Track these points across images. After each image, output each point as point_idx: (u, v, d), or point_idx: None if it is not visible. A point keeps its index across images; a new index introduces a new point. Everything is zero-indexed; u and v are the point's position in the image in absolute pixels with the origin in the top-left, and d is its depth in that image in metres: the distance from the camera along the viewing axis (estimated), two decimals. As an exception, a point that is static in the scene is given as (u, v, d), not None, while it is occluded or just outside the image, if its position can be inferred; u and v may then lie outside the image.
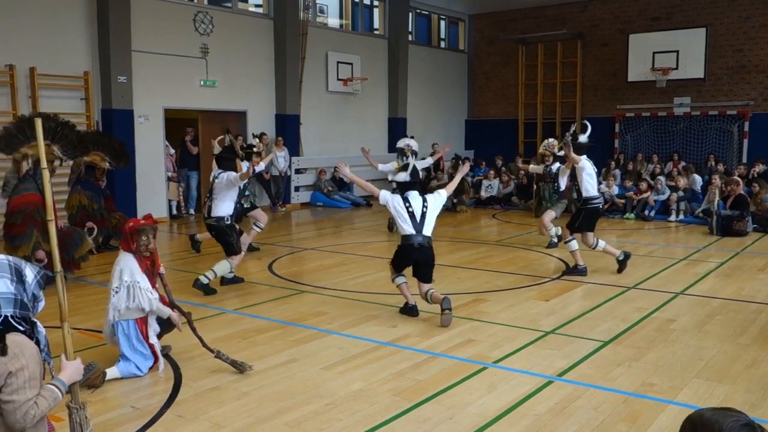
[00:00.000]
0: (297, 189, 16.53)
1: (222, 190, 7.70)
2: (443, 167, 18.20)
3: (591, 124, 9.03)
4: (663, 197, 13.89)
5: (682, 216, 13.47)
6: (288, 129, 16.00)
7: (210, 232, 7.95)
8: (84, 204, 9.74)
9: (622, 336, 5.93)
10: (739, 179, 13.00)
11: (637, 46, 18.34)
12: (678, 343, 5.71)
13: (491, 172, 17.05)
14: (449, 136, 21.44)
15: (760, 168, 14.66)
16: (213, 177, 7.91)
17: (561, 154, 10.30)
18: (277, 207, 15.45)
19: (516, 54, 20.92)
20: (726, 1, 17.70)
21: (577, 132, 8.90)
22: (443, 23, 22.11)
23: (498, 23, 21.36)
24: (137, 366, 4.94)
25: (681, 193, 13.77)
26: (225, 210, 7.70)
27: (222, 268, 7.66)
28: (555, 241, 10.35)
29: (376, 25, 19.66)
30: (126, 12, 12.56)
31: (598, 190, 8.67)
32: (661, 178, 14.42)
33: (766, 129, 17.29)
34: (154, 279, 5.13)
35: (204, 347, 5.13)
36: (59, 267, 3.09)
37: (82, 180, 9.88)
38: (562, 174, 10.12)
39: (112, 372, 4.88)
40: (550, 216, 10.23)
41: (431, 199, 6.51)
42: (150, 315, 5.08)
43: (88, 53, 12.42)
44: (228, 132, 9.83)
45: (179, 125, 14.41)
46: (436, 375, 5.00)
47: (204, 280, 7.52)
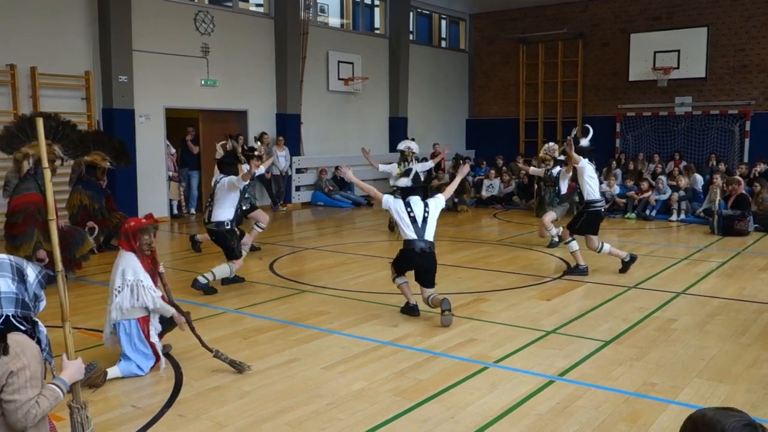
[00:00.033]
0: (298, 188, 16.53)
1: (223, 194, 7.69)
2: (444, 167, 18.21)
3: (592, 123, 9.03)
4: (664, 197, 13.89)
5: (683, 215, 13.47)
6: (289, 128, 16.01)
7: (210, 237, 7.94)
8: (85, 203, 9.75)
9: (623, 336, 5.93)
10: (741, 179, 12.99)
11: (639, 45, 18.32)
12: (679, 343, 5.71)
13: (492, 171, 17.04)
14: (450, 135, 21.45)
15: (761, 167, 14.65)
16: (214, 182, 7.91)
17: (562, 158, 10.34)
18: (278, 206, 15.46)
19: (517, 53, 20.91)
20: (727, 1, 17.68)
21: (579, 136, 8.89)
22: (444, 23, 22.11)
23: (499, 23, 21.35)
24: (138, 366, 4.95)
25: (682, 193, 13.76)
26: (225, 215, 7.69)
27: (221, 271, 7.65)
28: (556, 241, 10.34)
29: (376, 25, 19.66)
30: (127, 11, 12.57)
31: (600, 193, 8.64)
32: (663, 177, 14.41)
33: (767, 128, 17.29)
34: (155, 278, 5.14)
35: (203, 347, 5.13)
36: (60, 266, 3.09)
37: (83, 179, 9.89)
38: (562, 178, 10.16)
39: (113, 371, 4.89)
40: (550, 217, 10.24)
41: (432, 204, 6.53)
42: (153, 314, 5.09)
43: (88, 53, 12.43)
44: (230, 137, 9.83)
45: (180, 125, 14.41)
46: (437, 375, 5.00)
47: (202, 280, 7.52)
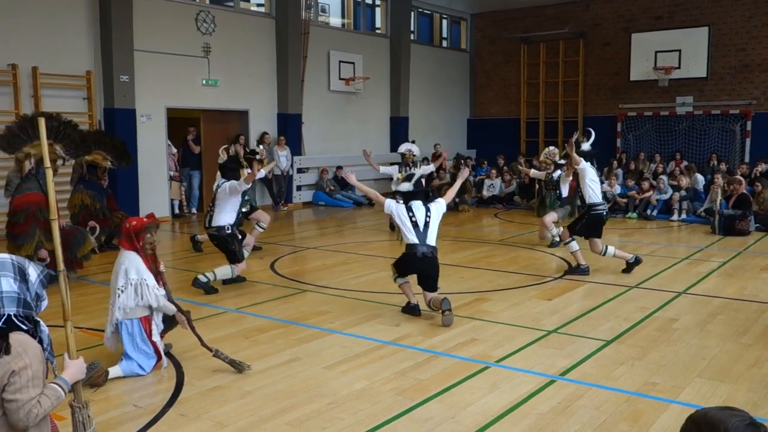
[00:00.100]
0: (299, 188, 16.53)
1: (224, 199, 7.69)
2: (445, 166, 18.21)
3: (593, 123, 9.04)
4: (665, 196, 13.88)
5: (684, 215, 13.46)
6: (290, 128, 16.01)
7: (211, 241, 7.94)
8: (86, 203, 9.76)
9: (624, 335, 5.93)
10: (742, 178, 12.98)
11: (640, 45, 18.32)
12: (680, 343, 5.71)
13: (493, 171, 17.03)
14: (451, 135, 21.45)
15: (762, 167, 14.64)
16: (216, 186, 7.90)
17: (562, 162, 10.38)
18: (279, 206, 15.46)
19: (518, 53, 20.90)
20: (729, 1, 17.66)
21: (580, 140, 8.89)
22: (445, 22, 22.10)
23: (500, 22, 21.34)
24: (140, 365, 4.95)
25: (683, 193, 13.76)
26: (226, 219, 7.69)
27: (223, 272, 7.66)
28: (557, 241, 10.34)
29: (378, 24, 19.66)
30: (128, 11, 12.57)
31: (603, 196, 8.61)
32: (664, 177, 14.40)
33: (768, 128, 17.30)
34: (157, 277, 5.14)
35: (202, 346, 5.13)
36: (62, 266, 3.09)
37: (84, 179, 9.90)
38: (563, 181, 10.21)
39: (114, 371, 4.89)
40: (551, 217, 10.25)
41: (434, 208, 6.54)
42: (156, 312, 5.09)
43: (90, 52, 12.43)
44: (234, 142, 9.82)
45: (181, 124, 14.41)
46: (438, 374, 5.00)
47: (203, 278, 7.52)
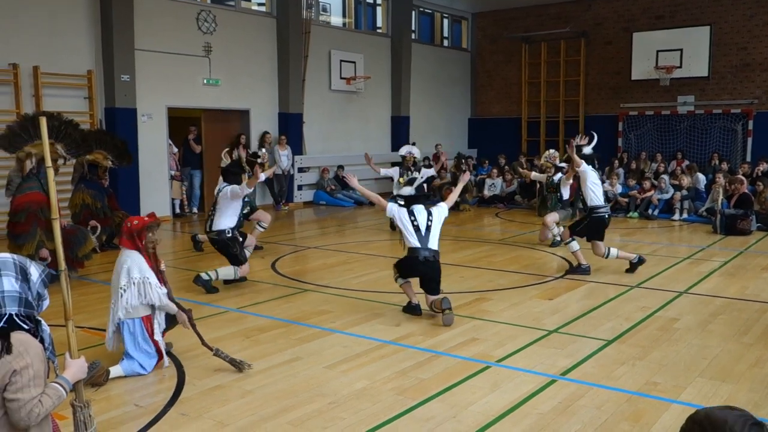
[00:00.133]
0: (300, 188, 16.53)
1: (226, 203, 7.69)
2: (446, 166, 18.20)
3: (594, 122, 9.03)
4: (666, 196, 13.87)
5: (685, 215, 13.45)
6: (291, 127, 16.01)
7: (213, 245, 7.94)
8: (87, 202, 9.77)
9: (625, 335, 5.93)
10: (743, 178, 12.98)
11: (641, 44, 18.31)
12: (681, 342, 5.71)
13: (494, 170, 17.02)
14: (452, 134, 21.46)
15: (764, 167, 14.64)
16: (217, 190, 7.90)
17: (562, 165, 10.38)
18: (280, 206, 15.47)
19: (519, 52, 20.89)
20: (730, 0, 17.67)
21: (581, 143, 8.87)
22: (446, 21, 22.09)
23: (501, 21, 21.34)
24: (141, 365, 4.95)
25: (685, 192, 13.74)
26: (226, 223, 7.69)
27: (225, 272, 7.67)
28: (558, 240, 10.34)
29: (379, 24, 19.65)
30: (129, 11, 12.58)
31: (605, 198, 8.59)
32: (665, 176, 14.39)
33: (770, 128, 17.29)
34: (158, 276, 5.14)
35: (203, 345, 5.14)
36: (64, 265, 3.10)
37: (85, 179, 9.91)
38: (563, 184, 10.23)
39: (115, 370, 4.89)
40: (553, 217, 10.25)
41: (435, 212, 6.55)
42: (158, 311, 5.10)
43: (91, 52, 12.44)
44: (236, 146, 9.83)
45: (182, 124, 14.42)
46: (439, 374, 5.00)
47: (204, 276, 7.53)
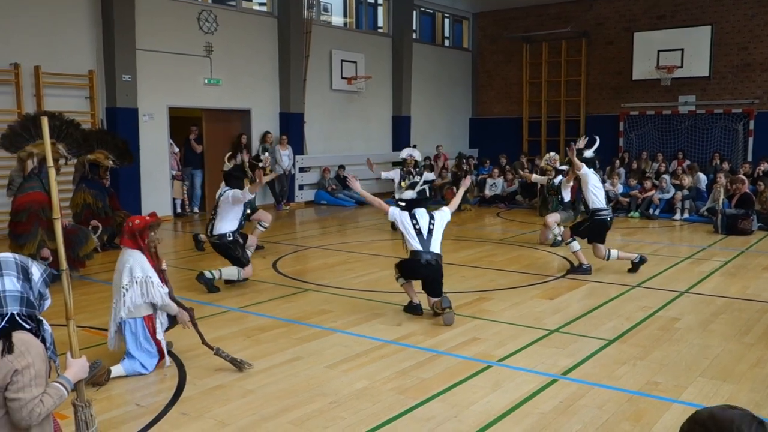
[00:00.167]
0: (301, 187, 16.53)
1: (227, 207, 7.70)
2: (447, 166, 18.22)
3: (595, 122, 9.01)
4: (668, 196, 13.87)
5: (686, 214, 13.44)
6: (292, 127, 16.01)
7: (214, 249, 7.94)
8: (89, 202, 9.77)
9: (626, 335, 5.93)
10: (744, 178, 12.97)
11: (642, 44, 18.29)
12: (682, 342, 5.70)
13: (495, 170, 17.01)
14: (453, 134, 21.46)
15: (765, 166, 14.64)
16: (219, 194, 7.89)
17: (563, 168, 10.38)
18: (282, 205, 15.47)
19: (520, 52, 20.88)
20: (731, -1, 17.69)
21: (582, 147, 8.85)
22: (447, 21, 22.09)
23: (502, 21, 21.33)
24: (142, 364, 4.96)
25: (686, 192, 13.73)
26: (227, 227, 7.70)
27: (229, 272, 7.68)
28: (559, 240, 10.34)
29: (380, 24, 19.65)
30: (130, 10, 12.58)
31: (607, 200, 8.57)
32: (666, 176, 14.39)
33: (771, 127, 17.27)
34: (160, 275, 5.15)
35: (204, 344, 5.14)
36: (65, 265, 3.10)
37: (86, 178, 9.91)
38: (564, 187, 10.24)
39: (116, 370, 4.90)
40: (554, 218, 10.25)
41: (438, 216, 6.55)
42: (159, 311, 5.10)
43: (92, 52, 12.44)
44: (239, 150, 9.86)
45: (183, 124, 14.42)
46: (440, 373, 5.00)
47: (208, 275, 7.55)
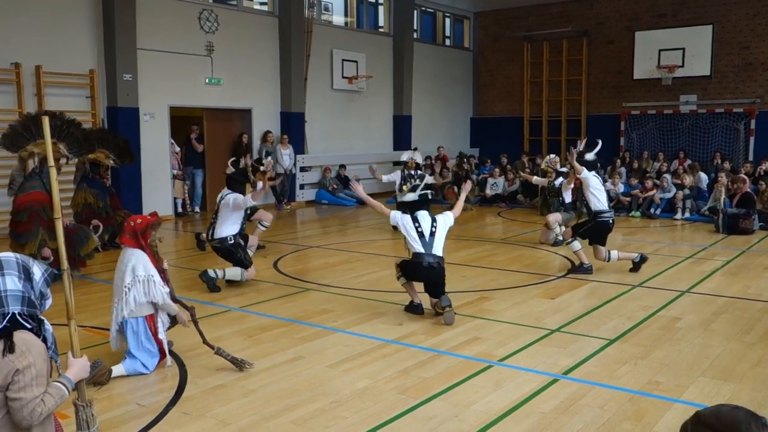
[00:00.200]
0: (302, 187, 16.52)
1: (227, 212, 7.70)
2: (447, 166, 18.21)
3: (596, 121, 9.01)
4: (669, 195, 13.86)
5: (687, 214, 13.43)
6: (293, 127, 16.01)
7: (216, 253, 7.94)
8: (89, 202, 9.77)
9: (627, 334, 5.92)
10: (746, 177, 12.97)
11: (643, 43, 18.27)
12: (684, 342, 5.70)
13: (496, 170, 17.00)
14: (454, 133, 21.46)
15: (766, 166, 14.62)
16: (219, 198, 7.88)
17: (563, 170, 10.38)
18: (283, 205, 15.47)
19: (521, 51, 20.88)
20: (732, -2, 17.66)
21: (583, 150, 8.84)
22: (448, 21, 22.08)
23: (503, 21, 21.32)
24: (143, 364, 4.96)
25: (687, 191, 13.72)
26: (228, 231, 7.70)
27: (232, 273, 7.69)
28: (560, 240, 10.34)
29: (381, 23, 19.64)
30: (131, 10, 12.58)
31: (608, 201, 8.56)
32: (667, 176, 14.38)
33: (772, 127, 17.25)
34: (161, 274, 5.15)
35: (204, 343, 5.14)
36: (66, 265, 3.10)
37: (87, 178, 9.92)
38: (564, 189, 10.25)
39: (118, 369, 4.90)
40: (555, 217, 10.25)
41: (440, 219, 6.55)
42: (160, 310, 5.10)
43: (93, 51, 12.44)
44: (243, 156, 9.88)
45: (184, 123, 14.42)
46: (441, 373, 5.00)
47: (211, 273, 7.55)
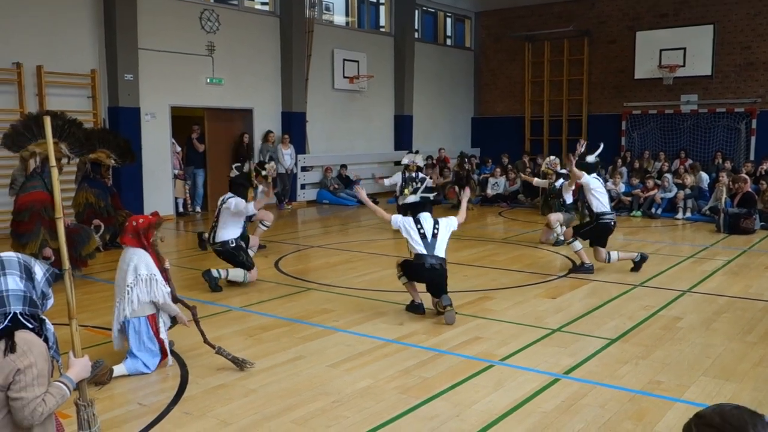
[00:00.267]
0: (303, 186, 16.53)
1: (228, 215, 7.70)
2: (449, 166, 18.20)
3: (597, 121, 9.00)
4: (670, 195, 13.85)
5: (689, 213, 13.42)
6: (294, 126, 16.01)
7: (218, 256, 7.95)
8: (91, 201, 9.78)
9: (628, 334, 5.92)
10: (747, 177, 12.95)
11: (645, 43, 18.25)
12: (685, 341, 5.70)
13: (497, 169, 17.00)
14: (455, 133, 21.46)
15: (767, 165, 14.59)
16: (221, 201, 7.89)
17: (563, 171, 10.38)
18: (284, 205, 15.48)
19: (522, 51, 20.87)
20: (734, -2, 17.65)
21: (584, 152, 8.84)
22: (449, 20, 22.07)
23: (504, 20, 21.31)
24: (144, 363, 4.96)
25: (688, 191, 13.71)
26: (230, 234, 7.71)
27: (235, 274, 7.70)
28: (561, 239, 10.34)
29: (382, 23, 19.64)
30: (132, 10, 12.59)
31: (610, 207, 8.55)
32: (668, 175, 14.37)
33: (773, 126, 17.24)
34: (163, 274, 5.15)
35: (205, 343, 5.14)
36: (67, 264, 3.10)
37: (89, 177, 9.93)
38: (565, 191, 10.26)
39: (119, 369, 4.90)
40: (556, 216, 10.25)
41: (443, 222, 6.55)
42: (160, 310, 5.10)
43: (94, 51, 12.45)
44: (248, 160, 9.92)
45: (185, 123, 14.43)
46: (442, 372, 5.00)
47: (214, 273, 7.56)
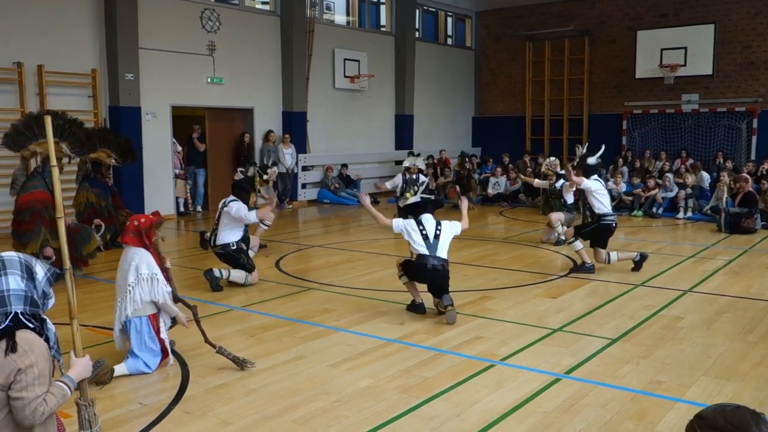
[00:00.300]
0: (304, 186, 16.53)
1: (228, 219, 7.70)
2: (449, 166, 18.21)
3: (598, 120, 8.99)
4: (671, 194, 13.84)
5: (690, 213, 13.42)
6: (295, 126, 16.01)
7: (219, 259, 7.95)
8: (91, 201, 9.79)
9: (629, 333, 5.92)
10: (748, 176, 12.95)
11: (645, 42, 18.25)
12: (686, 341, 5.69)
13: (498, 169, 17.00)
14: (456, 133, 21.46)
15: (768, 165, 14.60)
16: (222, 204, 7.88)
17: (563, 172, 10.39)
18: (284, 204, 15.47)
19: (523, 51, 20.86)
20: (734, -3, 17.64)
21: (584, 153, 8.84)
22: (450, 20, 22.06)
23: (505, 20, 21.30)
24: (145, 363, 4.96)
25: (689, 191, 13.71)
26: (231, 237, 7.71)
27: (236, 275, 7.70)
28: (563, 239, 10.33)
29: (382, 22, 19.64)
30: (133, 9, 12.59)
31: (612, 208, 8.54)
32: (669, 175, 14.36)
33: (774, 126, 17.23)
34: (164, 273, 5.15)
35: (206, 342, 5.14)
36: (68, 264, 3.10)
37: (89, 177, 9.93)
38: (566, 191, 10.27)
39: (120, 369, 4.90)
40: (557, 216, 10.25)
41: (446, 224, 6.55)
42: (161, 310, 5.10)
43: (95, 51, 12.45)
44: (253, 164, 9.95)
45: (186, 122, 14.44)
46: (443, 372, 5.00)
47: (216, 273, 7.57)
